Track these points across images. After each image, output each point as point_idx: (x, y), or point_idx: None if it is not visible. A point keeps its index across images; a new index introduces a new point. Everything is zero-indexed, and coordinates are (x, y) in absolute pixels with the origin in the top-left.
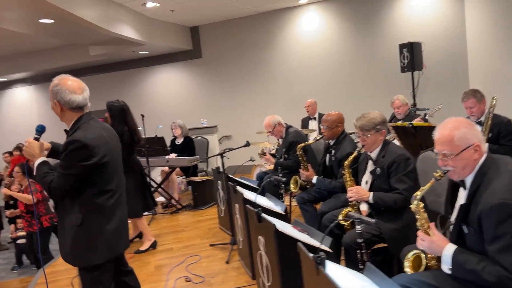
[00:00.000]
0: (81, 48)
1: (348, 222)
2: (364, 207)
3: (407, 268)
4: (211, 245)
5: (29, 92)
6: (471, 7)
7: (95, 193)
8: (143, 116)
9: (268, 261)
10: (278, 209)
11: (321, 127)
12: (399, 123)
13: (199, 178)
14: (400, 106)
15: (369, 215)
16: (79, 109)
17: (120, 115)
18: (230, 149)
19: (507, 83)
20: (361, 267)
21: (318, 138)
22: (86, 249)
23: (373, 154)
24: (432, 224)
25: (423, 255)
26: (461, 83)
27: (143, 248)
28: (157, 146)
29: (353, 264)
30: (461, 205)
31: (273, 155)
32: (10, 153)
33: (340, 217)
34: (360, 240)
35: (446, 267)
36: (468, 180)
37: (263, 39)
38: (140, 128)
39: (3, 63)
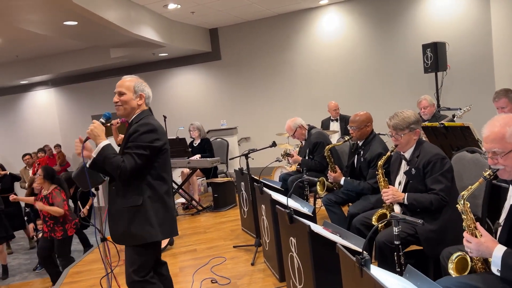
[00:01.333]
0: (102, 50)
1: (382, 225)
2: (397, 209)
3: (451, 270)
4: (234, 247)
5: (49, 94)
6: (497, 7)
7: (154, 177)
8: (165, 117)
9: (300, 263)
10: (306, 210)
11: (349, 128)
12: (429, 123)
13: (219, 179)
14: (427, 106)
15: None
16: (149, 105)
17: None
18: (254, 150)
19: None
20: (398, 269)
21: (347, 139)
22: (146, 227)
23: (407, 154)
24: (478, 224)
25: (468, 257)
26: (486, 84)
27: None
28: (178, 147)
29: (388, 266)
30: (511, 206)
31: None
32: (31, 155)
33: (374, 218)
34: (397, 242)
35: (495, 268)
36: None
37: (283, 40)
38: None
39: (26, 66)
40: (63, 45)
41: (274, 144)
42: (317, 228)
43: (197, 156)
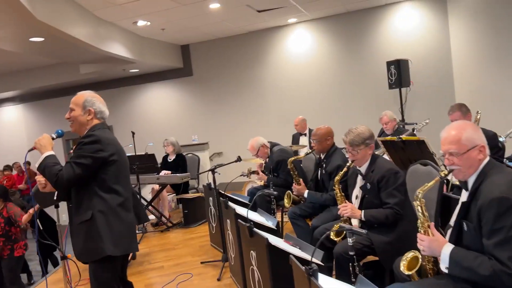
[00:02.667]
0: (72, 66)
1: (339, 238)
2: (355, 223)
3: (403, 267)
4: (202, 263)
5: (17, 111)
6: (455, 27)
7: (104, 190)
8: (133, 133)
9: (260, 276)
10: (270, 224)
11: (311, 141)
12: (388, 137)
13: (189, 195)
14: (388, 121)
15: (360, 227)
16: (103, 119)
17: None
18: (221, 165)
19: (493, 99)
20: (353, 280)
21: (308, 152)
22: (97, 241)
23: (363, 169)
24: (432, 224)
25: (420, 257)
26: (447, 99)
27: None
28: (147, 163)
29: (345, 276)
30: (462, 203)
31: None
32: None
33: (332, 233)
34: (352, 253)
35: (443, 266)
36: (471, 180)
37: (254, 57)
38: (130, 145)
39: None
40: (31, 61)
41: (239, 159)
42: (276, 241)
43: (165, 172)
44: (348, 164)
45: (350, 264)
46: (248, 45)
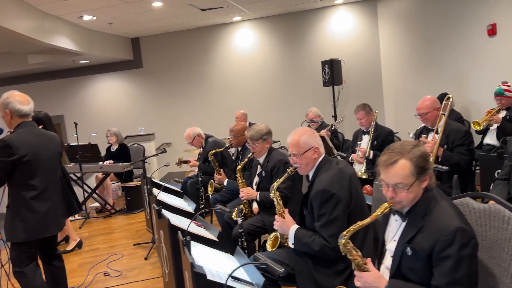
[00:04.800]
0: (20, 56)
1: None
2: (255, 205)
3: (268, 245)
4: (135, 245)
5: None
6: (384, 30)
7: (19, 185)
8: (76, 124)
9: (166, 252)
10: (189, 208)
11: (229, 136)
12: None
13: (131, 183)
14: (313, 117)
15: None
16: (26, 116)
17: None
18: (148, 157)
19: (413, 98)
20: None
21: (227, 145)
22: (12, 227)
23: (261, 160)
24: (286, 210)
25: (279, 235)
26: (376, 97)
27: (69, 248)
28: (91, 153)
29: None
30: (304, 193)
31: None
32: None
33: (234, 214)
34: (240, 230)
35: (291, 242)
36: (310, 174)
37: (202, 51)
38: (74, 135)
39: None
40: None
41: (164, 151)
42: (181, 222)
43: (108, 162)
44: (249, 155)
45: (240, 240)
46: (196, 40)
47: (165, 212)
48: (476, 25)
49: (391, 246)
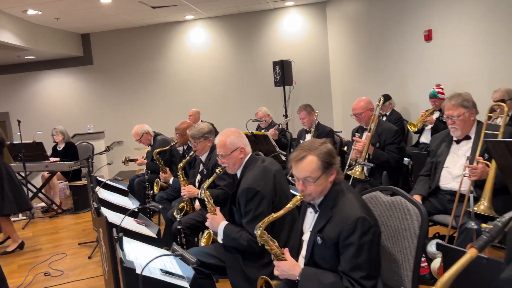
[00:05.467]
0: None
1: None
2: (197, 203)
3: (202, 243)
4: (79, 244)
5: None
6: (333, 33)
7: None
8: (19, 121)
9: (105, 249)
10: (133, 206)
11: (175, 135)
12: (245, 131)
13: (78, 182)
14: (262, 116)
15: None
16: None
17: None
18: (93, 155)
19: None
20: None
21: (173, 144)
22: None
23: (203, 158)
24: (218, 208)
25: (212, 232)
26: (325, 98)
27: (10, 249)
28: (35, 151)
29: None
30: (233, 192)
31: None
32: None
33: (175, 212)
34: (179, 227)
35: (220, 238)
36: (238, 173)
37: (154, 49)
38: (18, 133)
39: None
40: None
41: (107, 149)
42: (119, 218)
43: (55, 159)
44: (190, 154)
45: (178, 235)
46: (148, 38)
47: (103, 209)
48: (415, 30)
49: (306, 236)
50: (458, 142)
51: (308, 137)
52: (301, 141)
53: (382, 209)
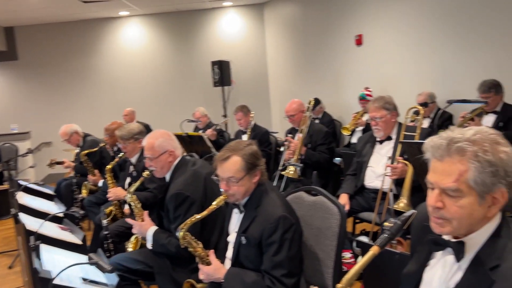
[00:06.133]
0: None
1: (109, 219)
2: (126, 207)
3: (130, 248)
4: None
5: None
6: (270, 35)
7: None
8: None
9: (24, 258)
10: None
11: (104, 135)
12: (179, 132)
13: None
14: (200, 117)
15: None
16: None
17: None
18: (16, 158)
19: None
20: (107, 254)
21: (102, 145)
22: None
23: (133, 160)
24: (145, 213)
25: (140, 237)
26: (264, 99)
27: None
28: None
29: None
30: (161, 197)
31: None
32: None
33: (103, 216)
34: (105, 232)
35: (149, 244)
36: (167, 177)
37: (87, 45)
38: None
39: None
40: None
41: (30, 151)
42: (40, 225)
43: None
44: (120, 155)
45: (105, 242)
46: (80, 33)
47: (23, 216)
48: (347, 34)
49: (232, 237)
50: (381, 142)
51: (244, 138)
52: None
53: (306, 209)
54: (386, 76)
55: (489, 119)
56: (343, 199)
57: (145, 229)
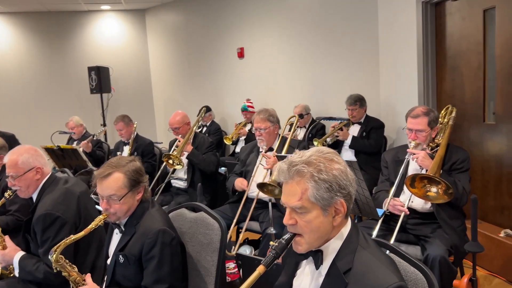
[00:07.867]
0: None
1: None
2: None
3: None
4: None
5: None
6: (152, 41)
7: None
8: None
9: None
10: None
11: None
12: (50, 145)
13: None
14: (74, 127)
15: None
16: None
17: None
18: None
19: (181, 110)
20: None
21: None
22: None
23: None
24: (7, 237)
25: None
26: (148, 107)
27: None
28: None
29: None
30: (27, 219)
31: None
32: None
33: None
34: None
35: (16, 272)
36: (34, 197)
37: None
38: None
39: None
40: None
41: None
42: None
43: None
44: None
45: None
46: None
47: None
48: (229, 47)
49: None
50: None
51: (126, 149)
52: (118, 153)
53: (188, 225)
54: (266, 88)
55: (355, 129)
56: (240, 180)
57: (10, 256)
